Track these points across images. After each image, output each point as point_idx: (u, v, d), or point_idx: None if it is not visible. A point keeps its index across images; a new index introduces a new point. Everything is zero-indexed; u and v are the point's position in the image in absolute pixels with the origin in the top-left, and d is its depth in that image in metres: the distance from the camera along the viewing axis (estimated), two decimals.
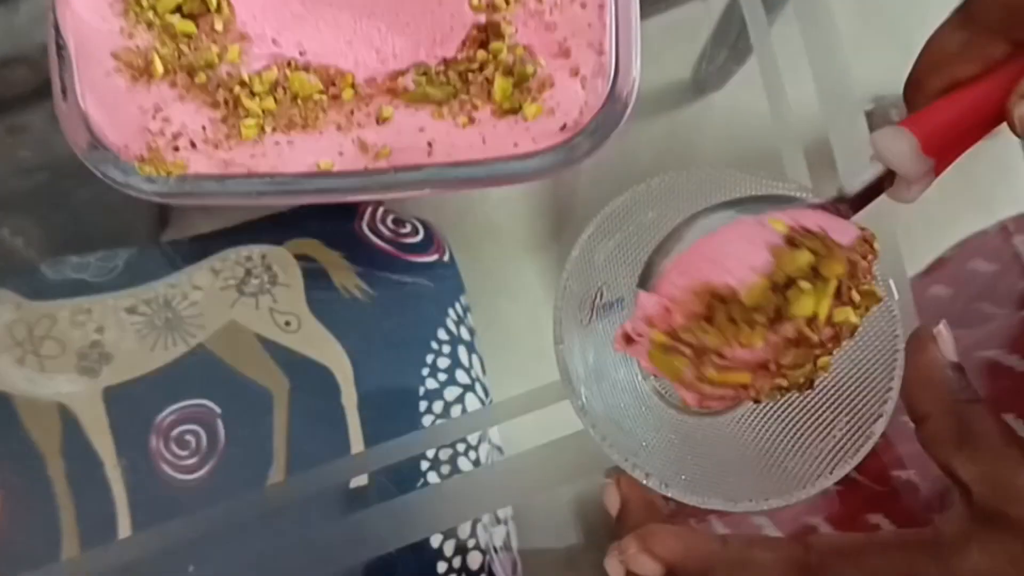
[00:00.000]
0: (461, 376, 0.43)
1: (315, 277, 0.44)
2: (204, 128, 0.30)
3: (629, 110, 0.31)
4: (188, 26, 0.31)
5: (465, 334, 0.45)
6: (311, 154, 0.31)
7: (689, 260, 0.24)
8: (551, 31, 0.32)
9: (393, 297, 0.44)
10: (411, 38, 0.32)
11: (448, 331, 0.44)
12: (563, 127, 0.31)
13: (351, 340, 0.42)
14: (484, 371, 0.45)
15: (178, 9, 0.31)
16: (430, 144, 0.31)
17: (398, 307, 0.44)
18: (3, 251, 0.48)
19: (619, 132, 0.31)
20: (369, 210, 0.45)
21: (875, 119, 0.38)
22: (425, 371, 0.42)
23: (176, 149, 0.30)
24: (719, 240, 0.24)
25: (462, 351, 0.44)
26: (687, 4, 0.46)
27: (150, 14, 0.31)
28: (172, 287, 0.43)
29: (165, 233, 0.48)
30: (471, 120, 0.31)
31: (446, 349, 0.43)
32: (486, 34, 0.32)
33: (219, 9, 0.31)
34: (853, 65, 0.33)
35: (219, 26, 0.31)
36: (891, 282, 0.28)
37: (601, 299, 0.37)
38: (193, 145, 0.30)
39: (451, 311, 0.44)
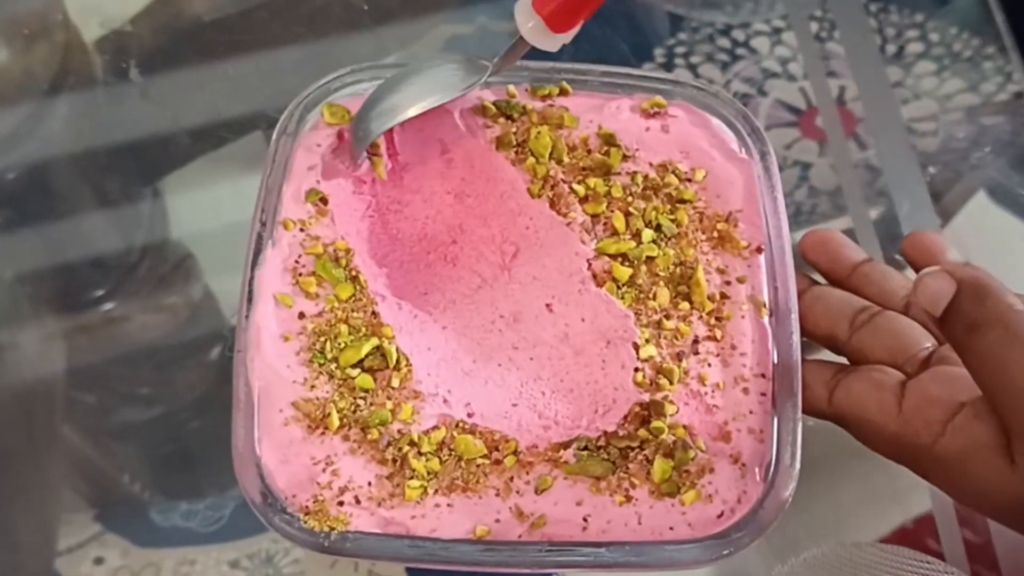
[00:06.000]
0: None
1: None
2: (370, 484, 0.31)
3: (787, 505, 0.31)
4: (367, 381, 0.32)
5: None
6: (469, 519, 0.31)
7: None
8: (712, 414, 0.33)
9: None
10: (574, 405, 0.33)
11: None
12: (720, 515, 0.31)
13: None
14: None
15: (359, 363, 0.32)
16: (586, 519, 0.31)
17: None
18: (119, 497, 0.49)
19: (775, 528, 0.31)
20: None
21: None
22: None
23: (341, 504, 0.31)
24: None
25: None
26: None
27: (332, 366, 0.32)
28: (275, 542, 0.44)
29: None
30: (628, 498, 0.31)
31: None
32: (648, 411, 0.33)
33: (398, 367, 0.32)
34: None
35: (396, 382, 0.32)
36: None
37: None
38: (357, 501, 0.31)
39: None
